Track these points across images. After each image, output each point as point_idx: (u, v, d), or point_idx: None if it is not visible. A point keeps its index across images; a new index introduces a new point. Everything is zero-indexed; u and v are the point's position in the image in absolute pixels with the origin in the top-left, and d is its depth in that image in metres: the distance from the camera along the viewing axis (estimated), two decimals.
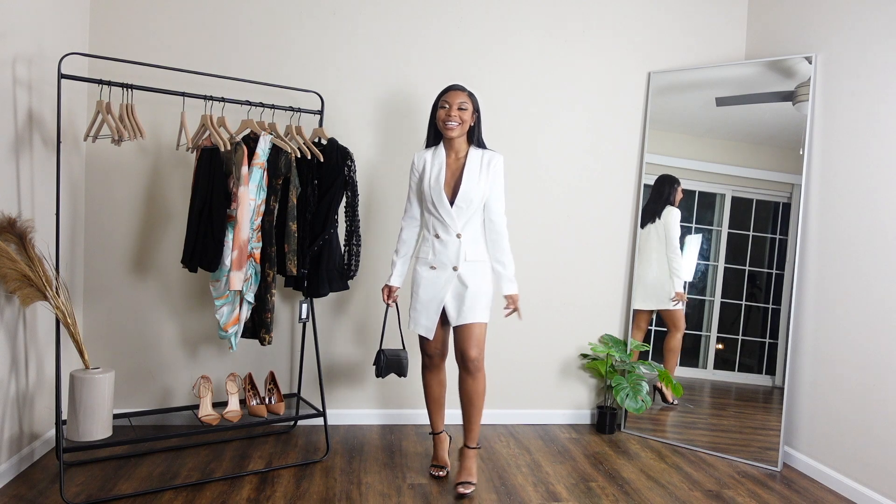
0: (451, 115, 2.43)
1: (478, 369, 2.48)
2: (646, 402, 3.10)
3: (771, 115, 3.05)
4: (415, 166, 2.56)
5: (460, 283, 2.46)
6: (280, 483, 2.49)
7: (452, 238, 2.47)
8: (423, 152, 2.57)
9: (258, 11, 3.02)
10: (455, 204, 2.46)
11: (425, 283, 2.50)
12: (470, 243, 2.48)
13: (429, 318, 2.50)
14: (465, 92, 2.49)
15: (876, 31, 2.64)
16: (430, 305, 2.49)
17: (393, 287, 2.61)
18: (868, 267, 2.60)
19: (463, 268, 2.46)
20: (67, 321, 2.31)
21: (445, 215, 2.46)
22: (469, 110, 2.46)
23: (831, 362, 2.76)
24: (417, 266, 2.55)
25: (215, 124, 2.53)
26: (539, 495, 2.50)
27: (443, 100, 2.48)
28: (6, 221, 2.22)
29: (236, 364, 3.08)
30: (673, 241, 3.10)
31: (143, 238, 2.99)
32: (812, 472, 2.82)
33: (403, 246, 2.59)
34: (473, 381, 2.49)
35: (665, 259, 3.16)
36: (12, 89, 2.29)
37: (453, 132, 2.45)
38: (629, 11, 3.35)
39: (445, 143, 2.53)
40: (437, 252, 2.48)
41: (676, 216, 3.11)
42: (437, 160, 2.51)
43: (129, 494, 2.30)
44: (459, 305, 2.46)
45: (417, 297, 2.52)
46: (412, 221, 2.58)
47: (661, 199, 3.17)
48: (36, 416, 2.57)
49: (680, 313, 3.13)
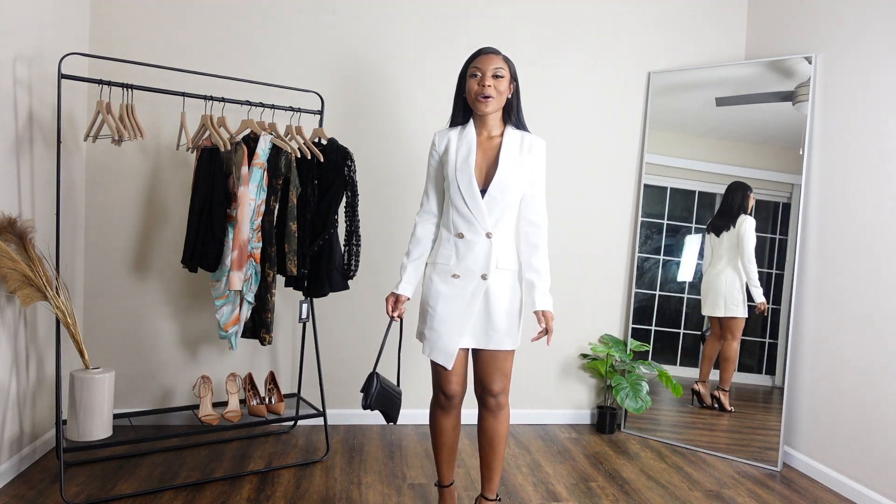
0: (486, 86, 1.93)
1: (501, 406, 2.03)
2: (646, 402, 3.10)
3: (771, 115, 3.05)
4: (435, 147, 2.06)
5: (490, 297, 1.97)
6: (280, 483, 2.49)
7: (481, 238, 1.96)
8: (446, 131, 2.07)
9: (258, 11, 3.02)
10: (487, 193, 1.95)
11: (446, 297, 1.97)
12: (502, 246, 1.98)
13: (450, 342, 1.96)
14: (501, 56, 1.98)
15: (876, 31, 2.64)
16: (452, 325, 1.96)
17: (401, 297, 2.06)
18: (868, 267, 2.60)
19: (494, 277, 1.96)
20: (67, 321, 2.31)
21: (474, 208, 1.95)
22: (506, 78, 1.96)
23: (831, 362, 2.77)
24: (434, 274, 2.02)
25: (215, 124, 2.53)
26: (539, 495, 2.50)
27: (473, 66, 1.97)
28: (6, 221, 2.22)
29: (236, 364, 3.08)
30: (748, 250, 3.07)
31: (143, 238, 2.99)
32: (812, 471, 2.82)
33: (417, 247, 2.07)
34: (495, 421, 2.03)
35: (734, 267, 3.12)
36: (12, 89, 2.29)
37: (488, 106, 1.95)
38: (629, 11, 3.35)
39: (476, 120, 2.03)
40: (460, 256, 1.97)
41: (751, 225, 3.07)
42: (464, 140, 2.01)
43: (129, 494, 2.30)
44: (486, 326, 1.97)
45: (434, 314, 1.98)
46: (428, 217, 2.09)
47: (735, 208, 3.14)
48: (36, 416, 2.57)
49: (741, 322, 3.10)
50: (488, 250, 1.96)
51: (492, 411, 2.03)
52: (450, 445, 2.12)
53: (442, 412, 2.08)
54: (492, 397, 2.02)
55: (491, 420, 2.04)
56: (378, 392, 2.02)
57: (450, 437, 2.10)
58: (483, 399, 2.04)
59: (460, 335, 1.96)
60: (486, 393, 2.03)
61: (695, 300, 3.25)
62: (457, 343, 1.96)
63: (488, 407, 2.04)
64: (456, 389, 2.03)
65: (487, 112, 1.97)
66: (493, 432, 2.04)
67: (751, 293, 3.07)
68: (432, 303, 2.00)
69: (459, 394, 2.05)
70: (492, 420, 2.04)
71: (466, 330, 1.96)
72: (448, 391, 2.03)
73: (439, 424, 2.10)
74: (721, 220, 3.19)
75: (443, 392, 2.04)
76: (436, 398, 2.09)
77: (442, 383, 2.03)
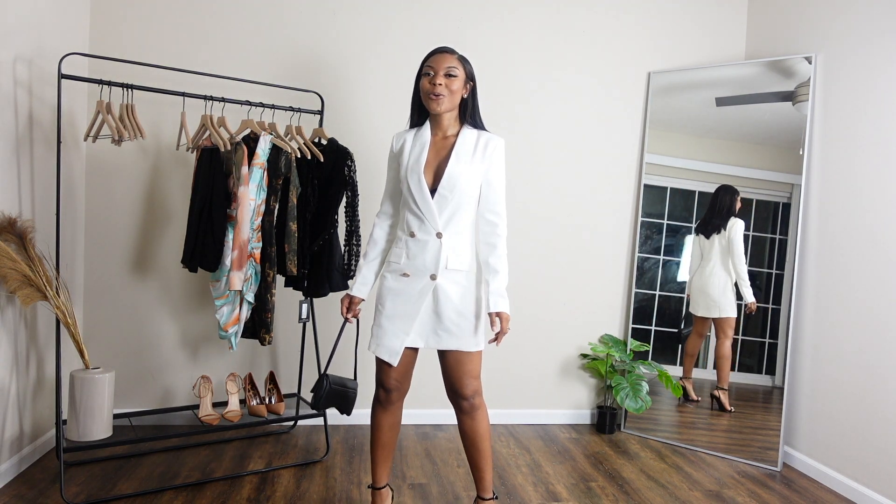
0: (437, 84, 1.93)
1: (475, 407, 2.02)
2: (646, 402, 3.10)
3: (771, 115, 3.05)
4: (392, 148, 2.08)
5: (439, 296, 1.96)
6: (280, 483, 2.49)
7: (431, 238, 1.96)
8: (403, 132, 2.10)
9: (258, 11, 3.02)
10: (437, 192, 1.94)
11: (394, 294, 1.99)
12: (453, 246, 1.97)
13: (395, 339, 1.97)
14: (455, 55, 1.98)
15: (876, 31, 2.64)
16: (398, 323, 1.97)
17: (355, 298, 2.08)
18: (868, 267, 2.60)
19: (444, 277, 1.96)
20: (67, 321, 2.31)
21: (424, 207, 1.95)
22: (460, 77, 1.96)
23: (831, 362, 2.77)
24: (386, 272, 2.05)
25: (215, 124, 2.53)
26: (539, 495, 2.50)
27: (426, 65, 1.97)
28: (6, 221, 2.22)
29: (236, 364, 3.08)
30: (739, 251, 3.10)
31: (143, 238, 2.99)
32: (812, 471, 2.82)
33: (374, 248, 2.10)
34: (473, 422, 2.03)
35: (725, 269, 3.13)
36: (13, 90, 2.29)
37: (440, 105, 1.95)
38: (629, 11, 3.35)
39: (431, 120, 2.05)
40: (411, 255, 1.98)
41: (741, 227, 3.10)
42: (418, 140, 2.02)
43: (129, 494, 2.30)
44: (437, 326, 1.97)
45: (383, 310, 2.00)
46: (385, 218, 2.12)
47: (725, 211, 3.16)
48: (36, 416, 2.57)
49: (732, 321, 3.13)
50: (438, 250, 1.95)
51: (467, 413, 2.03)
52: (385, 443, 2.10)
53: (381, 408, 2.07)
54: (464, 400, 2.01)
55: (469, 422, 2.03)
56: (327, 393, 2.08)
57: (386, 434, 2.09)
58: (457, 403, 2.04)
59: (406, 333, 1.97)
60: (458, 397, 2.02)
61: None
62: (402, 341, 1.97)
63: (463, 410, 2.03)
64: (394, 384, 2.03)
65: (439, 111, 1.96)
66: (474, 433, 2.04)
67: (741, 293, 3.09)
68: (381, 300, 2.02)
69: (398, 389, 2.04)
70: (469, 422, 2.03)
71: (412, 328, 1.97)
72: (387, 384, 2.03)
73: (377, 420, 2.09)
74: (710, 223, 3.22)
75: (382, 386, 2.05)
76: (376, 394, 2.08)
77: (382, 377, 2.04)
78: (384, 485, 2.15)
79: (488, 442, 2.06)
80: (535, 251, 3.34)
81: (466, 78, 2.00)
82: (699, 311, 3.23)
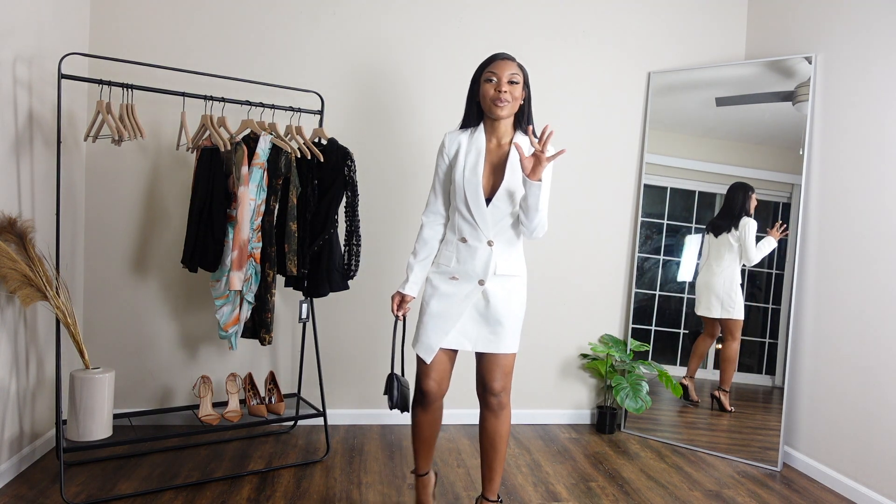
0: (503, 91, 1.94)
1: (502, 406, 2.05)
2: (646, 402, 3.10)
3: (771, 115, 3.05)
4: (445, 149, 2.07)
5: (486, 300, 2.00)
6: (280, 483, 2.49)
7: (482, 245, 1.99)
8: (456, 133, 2.08)
9: (258, 11, 3.02)
10: (492, 202, 1.97)
11: (440, 295, 2.02)
12: (503, 253, 2.01)
13: (434, 338, 1.99)
14: (516, 62, 2.00)
15: (876, 31, 2.64)
16: (440, 322, 1.99)
17: (407, 296, 2.10)
18: (868, 267, 2.60)
19: (491, 283, 1.99)
20: (67, 321, 2.31)
21: (478, 216, 1.97)
22: (520, 84, 1.98)
23: (831, 362, 2.77)
24: (433, 274, 2.07)
25: (215, 124, 2.53)
26: (539, 495, 2.50)
27: (488, 71, 1.97)
28: (6, 221, 2.22)
29: (236, 364, 3.08)
30: (751, 252, 3.07)
31: (143, 238, 2.99)
32: (812, 471, 2.82)
33: (424, 247, 2.09)
34: (497, 421, 2.05)
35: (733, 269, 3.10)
36: (13, 89, 2.29)
37: (503, 111, 1.97)
38: (629, 11, 3.35)
39: (487, 125, 2.05)
40: (461, 260, 2.01)
41: (753, 227, 3.06)
42: (474, 145, 2.02)
43: (129, 494, 2.30)
44: (482, 329, 2.01)
45: (427, 309, 2.03)
46: (436, 218, 2.10)
47: (737, 209, 3.11)
48: (36, 416, 2.57)
49: (739, 324, 3.09)
50: (488, 257, 1.98)
51: (493, 411, 2.05)
52: (426, 439, 2.14)
53: (420, 408, 2.09)
54: (493, 396, 2.03)
55: (493, 420, 2.06)
56: (399, 392, 2.10)
57: (426, 431, 2.12)
58: (485, 398, 2.06)
59: (445, 333, 1.99)
60: (487, 392, 2.04)
61: (695, 300, 3.25)
62: (440, 339, 1.99)
63: (490, 406, 2.05)
64: (432, 387, 2.03)
65: (503, 116, 1.98)
66: (495, 432, 2.06)
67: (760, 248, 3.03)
68: (427, 299, 2.05)
69: (435, 392, 2.04)
70: (493, 420, 2.06)
71: (453, 328, 1.99)
72: (424, 387, 2.04)
73: (418, 420, 2.11)
74: (722, 221, 3.18)
75: (421, 388, 2.06)
76: (416, 394, 2.10)
77: (420, 378, 2.05)
78: (426, 472, 2.19)
79: (506, 444, 2.08)
80: (535, 251, 3.33)
81: (524, 84, 2.02)
82: (701, 310, 3.21)
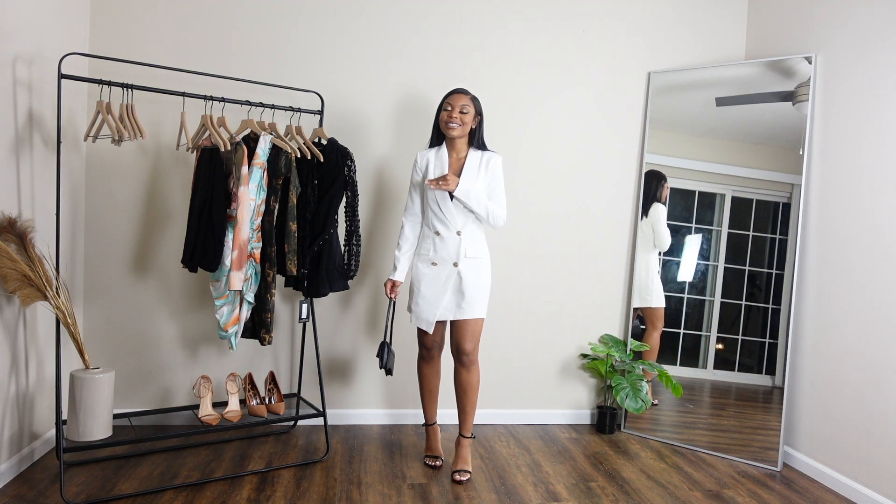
0: (453, 117, 2.56)
1: (472, 362, 2.63)
2: (646, 402, 3.10)
3: (771, 115, 3.05)
4: (418, 164, 2.68)
5: (460, 278, 2.57)
6: (280, 483, 2.49)
7: (452, 235, 2.57)
8: (426, 151, 2.68)
9: (258, 11, 3.02)
10: (454, 200, 2.56)
11: (427, 280, 2.60)
12: (469, 240, 2.59)
13: (430, 313, 2.59)
14: (469, 96, 2.59)
15: (876, 31, 2.64)
16: (432, 301, 2.58)
17: (396, 281, 2.69)
18: (868, 267, 2.60)
19: (463, 264, 2.57)
20: (67, 321, 2.31)
21: (446, 211, 2.56)
22: (470, 113, 2.58)
23: (831, 362, 2.77)
24: (418, 262, 2.64)
25: (215, 124, 2.53)
26: (539, 495, 2.50)
27: (446, 102, 2.60)
28: (6, 221, 2.22)
29: (236, 364, 3.08)
30: (661, 237, 3.08)
31: (143, 238, 2.99)
32: (812, 471, 2.82)
33: (406, 242, 2.68)
34: (468, 374, 2.63)
35: (647, 256, 3.13)
36: (12, 89, 2.29)
37: (453, 132, 2.57)
38: (629, 11, 3.35)
39: (448, 143, 2.65)
40: (437, 248, 2.59)
41: (662, 212, 3.08)
42: (439, 159, 2.64)
43: (129, 494, 2.30)
44: (459, 301, 2.58)
45: (419, 292, 2.61)
46: (413, 218, 2.68)
47: (650, 197, 3.14)
48: (36, 416, 2.57)
49: (660, 312, 3.12)
50: (458, 244, 2.58)
51: (465, 366, 2.63)
52: (431, 390, 2.78)
53: (423, 362, 2.75)
54: (465, 355, 2.61)
55: (465, 374, 2.64)
56: (388, 357, 2.70)
57: (432, 381, 2.78)
58: (458, 357, 2.63)
59: (437, 308, 2.59)
60: (460, 353, 2.62)
61: (694, 300, 3.25)
62: (434, 314, 2.59)
63: (463, 363, 2.63)
64: (433, 343, 2.70)
65: (454, 136, 2.59)
66: (467, 383, 2.64)
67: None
68: (416, 283, 2.64)
69: (437, 347, 2.71)
70: (465, 374, 2.64)
71: (441, 305, 2.58)
72: (428, 344, 2.70)
73: (422, 372, 2.77)
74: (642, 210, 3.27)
75: (423, 345, 2.71)
76: (419, 352, 2.74)
77: (423, 339, 2.70)
78: (434, 421, 2.82)
79: (476, 393, 2.67)
80: (535, 251, 3.34)
81: (476, 113, 2.62)
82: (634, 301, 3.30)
